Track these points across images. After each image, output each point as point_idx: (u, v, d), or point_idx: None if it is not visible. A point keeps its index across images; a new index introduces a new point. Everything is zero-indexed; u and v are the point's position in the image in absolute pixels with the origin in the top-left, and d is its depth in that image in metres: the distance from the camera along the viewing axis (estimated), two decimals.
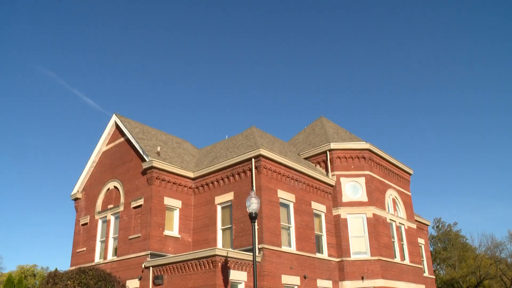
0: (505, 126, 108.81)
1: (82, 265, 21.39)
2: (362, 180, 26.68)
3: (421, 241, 35.39)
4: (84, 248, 26.75)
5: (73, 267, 22.16)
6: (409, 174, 32.32)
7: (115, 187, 26.06)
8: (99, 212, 26.57)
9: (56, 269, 19.28)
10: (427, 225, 38.96)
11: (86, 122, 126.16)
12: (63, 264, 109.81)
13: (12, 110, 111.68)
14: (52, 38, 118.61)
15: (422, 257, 35.01)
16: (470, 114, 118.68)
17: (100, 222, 26.51)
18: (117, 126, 27.48)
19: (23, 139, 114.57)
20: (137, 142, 24.86)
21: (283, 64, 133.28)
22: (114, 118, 27.64)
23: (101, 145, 28.38)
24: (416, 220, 32.87)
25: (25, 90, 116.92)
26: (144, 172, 23.83)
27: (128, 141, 26.13)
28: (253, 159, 22.12)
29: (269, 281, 20.32)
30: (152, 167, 23.31)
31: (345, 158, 26.94)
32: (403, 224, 29.48)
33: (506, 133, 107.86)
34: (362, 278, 24.54)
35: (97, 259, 25.57)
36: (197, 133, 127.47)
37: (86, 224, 27.44)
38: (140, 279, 21.96)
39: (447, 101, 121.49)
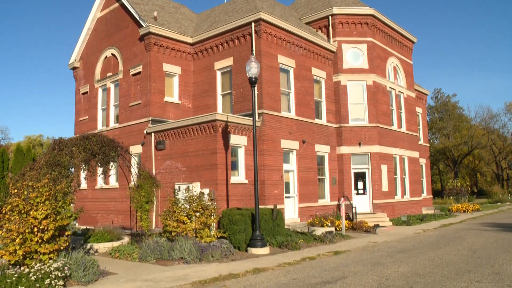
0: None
1: (85, 133, 21.77)
2: (364, 47, 26.11)
3: (419, 110, 35.80)
4: (86, 117, 27.11)
5: (77, 135, 22.53)
6: (412, 42, 31.59)
7: (112, 54, 25.60)
8: (99, 81, 26.45)
9: (61, 137, 19.57)
10: (426, 94, 39.16)
11: None
12: (68, 133, 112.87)
13: None
14: None
15: (419, 126, 35.71)
16: None
17: (100, 91, 26.54)
18: None
19: (17, 11, 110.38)
20: (132, 7, 23.89)
21: None
22: None
23: (96, 11, 27.36)
24: (415, 90, 32.92)
25: None
26: (141, 38, 23.21)
27: (123, 6, 25.09)
28: (253, 23, 21.36)
29: (269, 145, 20.86)
30: (149, 33, 22.66)
31: (348, 23, 26.06)
32: (402, 93, 29.56)
33: (509, 7, 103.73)
34: (359, 144, 25.22)
35: (100, 127, 26.02)
36: None
37: (86, 93, 27.49)
38: (142, 145, 22.55)
39: None
